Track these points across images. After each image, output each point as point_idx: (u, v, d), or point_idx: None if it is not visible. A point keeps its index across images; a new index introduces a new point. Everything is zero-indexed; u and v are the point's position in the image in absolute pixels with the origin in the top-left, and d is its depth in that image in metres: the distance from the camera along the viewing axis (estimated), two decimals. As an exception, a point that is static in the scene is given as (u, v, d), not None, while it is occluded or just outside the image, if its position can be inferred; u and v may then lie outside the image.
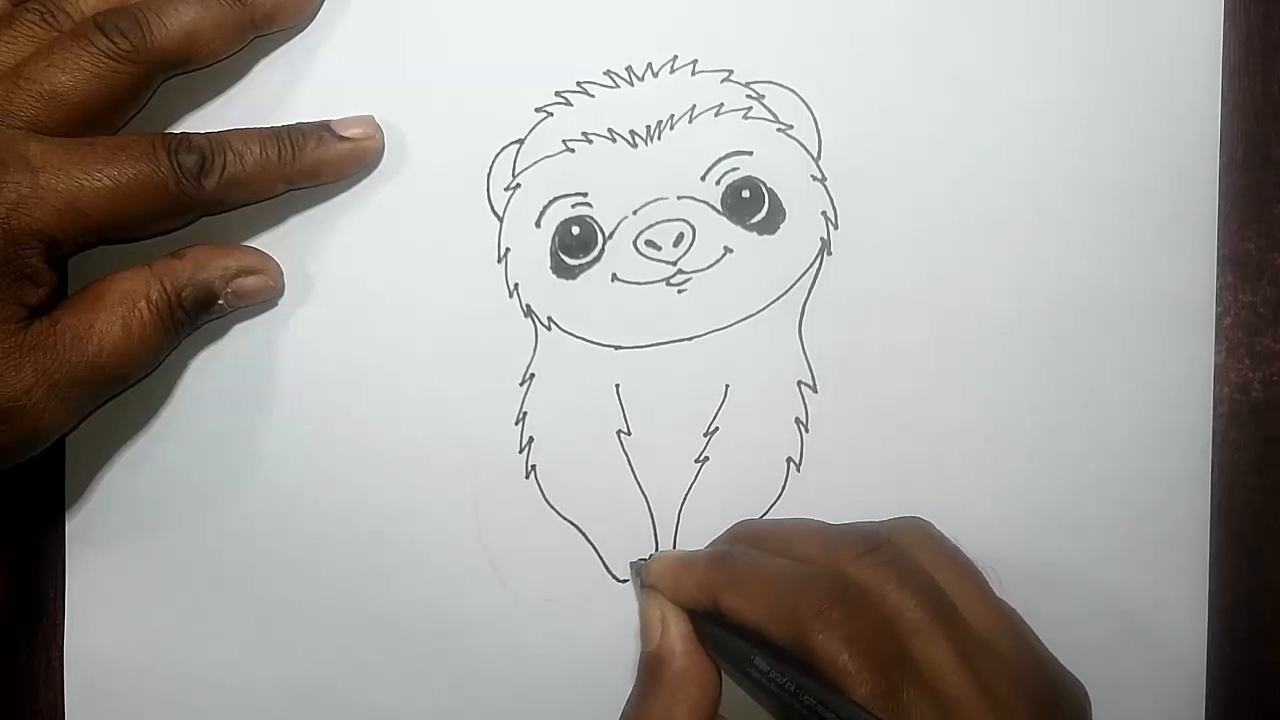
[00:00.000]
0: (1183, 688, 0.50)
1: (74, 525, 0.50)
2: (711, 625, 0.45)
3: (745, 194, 0.50)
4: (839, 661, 0.42)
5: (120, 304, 0.45)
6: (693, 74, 0.50)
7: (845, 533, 0.47)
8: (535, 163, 0.50)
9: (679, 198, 0.50)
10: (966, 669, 0.42)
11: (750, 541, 0.48)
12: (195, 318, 0.47)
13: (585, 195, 0.50)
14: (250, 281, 0.48)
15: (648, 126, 0.50)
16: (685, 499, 0.50)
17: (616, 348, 0.50)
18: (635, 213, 0.49)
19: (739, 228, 0.50)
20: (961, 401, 0.50)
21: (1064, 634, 0.50)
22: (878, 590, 0.44)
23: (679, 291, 0.50)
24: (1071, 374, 0.50)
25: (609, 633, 0.50)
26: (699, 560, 0.47)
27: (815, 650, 0.42)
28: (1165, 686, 0.50)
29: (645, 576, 0.48)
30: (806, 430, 0.50)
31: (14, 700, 0.51)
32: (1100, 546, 0.50)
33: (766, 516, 0.50)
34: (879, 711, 0.40)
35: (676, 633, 0.46)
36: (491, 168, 0.50)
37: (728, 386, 0.50)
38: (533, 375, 0.50)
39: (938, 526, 0.49)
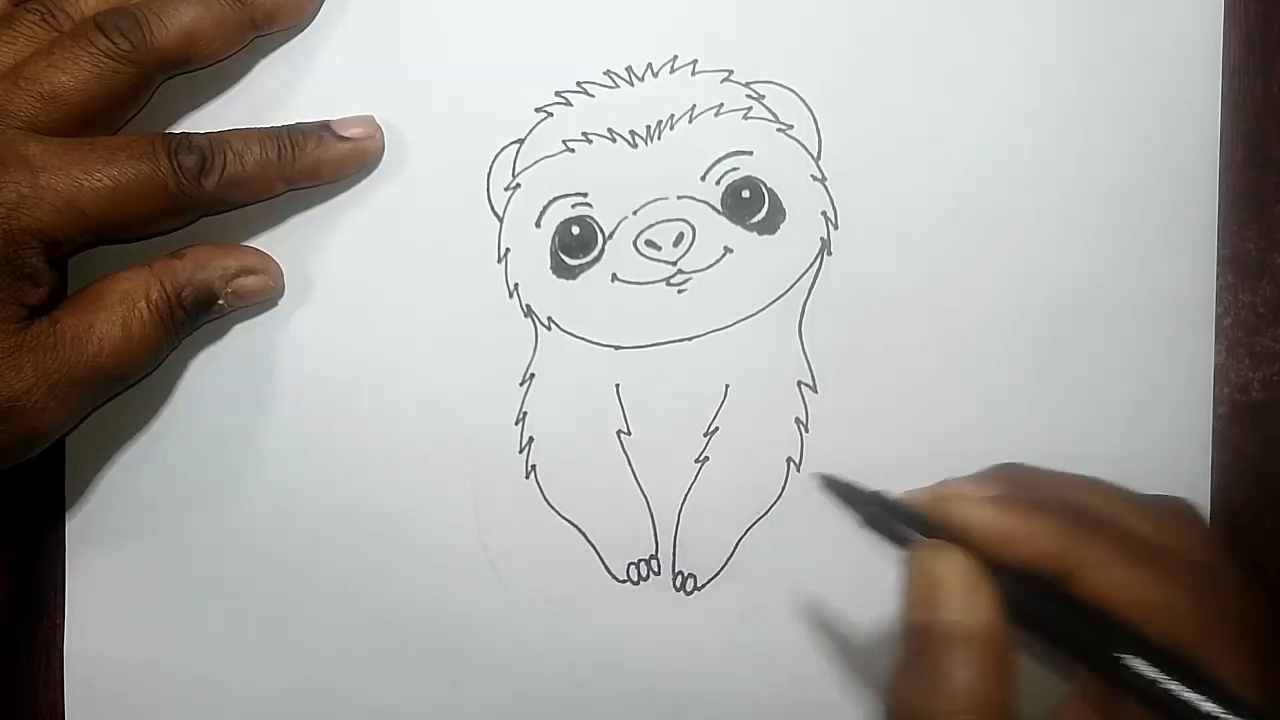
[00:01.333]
0: (1183, 688, 0.50)
1: (74, 525, 0.50)
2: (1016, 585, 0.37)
3: (745, 194, 0.50)
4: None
5: (120, 304, 0.46)
6: (693, 74, 0.50)
7: (1167, 516, 0.40)
8: (535, 163, 0.50)
9: (679, 198, 0.50)
10: None
11: (1044, 489, 0.40)
12: (195, 318, 0.47)
13: (585, 195, 0.50)
14: (250, 281, 0.48)
15: (648, 126, 0.50)
16: (685, 499, 0.50)
17: (616, 348, 0.50)
18: (635, 213, 0.49)
19: (739, 228, 0.50)
20: (961, 401, 0.50)
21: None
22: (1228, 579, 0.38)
23: (679, 291, 0.50)
24: (1071, 374, 0.50)
25: (609, 633, 0.50)
26: (1038, 512, 0.38)
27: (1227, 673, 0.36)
28: (1165, 686, 0.50)
29: (943, 516, 0.38)
30: (806, 430, 0.50)
31: (14, 700, 0.51)
32: (1100, 546, 0.50)
33: (769, 517, 0.50)
34: None
35: (984, 602, 0.37)
36: (491, 168, 0.50)
37: (728, 386, 0.50)
38: (532, 375, 0.50)
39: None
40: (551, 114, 0.50)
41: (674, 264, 0.50)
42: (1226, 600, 0.38)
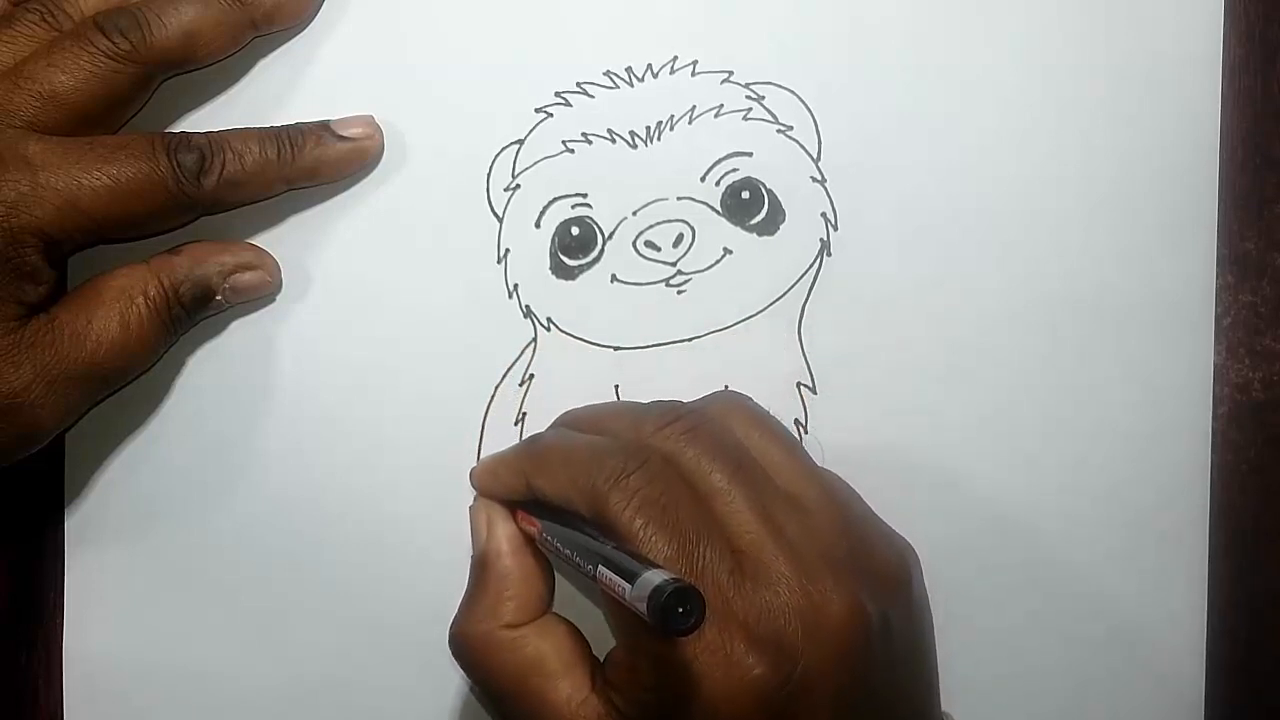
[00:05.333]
0: (1183, 688, 0.50)
1: (73, 525, 0.50)
2: (542, 519, 0.46)
3: (745, 195, 0.50)
4: (633, 527, 0.42)
5: (118, 300, 0.46)
6: (693, 75, 0.50)
7: (651, 406, 0.48)
8: (535, 163, 0.50)
9: (679, 198, 0.50)
10: (764, 525, 0.43)
11: (566, 425, 0.49)
12: (193, 314, 0.47)
13: (585, 196, 0.50)
14: (248, 277, 0.48)
15: (647, 127, 0.50)
16: (685, 500, 0.50)
17: (616, 348, 0.50)
18: (635, 213, 0.50)
19: (739, 229, 0.50)
20: (961, 402, 0.50)
21: (1063, 633, 0.50)
22: (677, 456, 0.44)
23: (678, 292, 0.50)
24: (1071, 374, 0.50)
25: (608, 632, 0.50)
26: (510, 450, 0.49)
27: (611, 518, 0.43)
28: (1165, 686, 0.50)
29: (471, 481, 0.49)
30: (806, 431, 0.50)
31: (14, 700, 0.51)
32: (1100, 546, 0.50)
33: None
34: (674, 573, 0.39)
35: (501, 533, 0.47)
36: (491, 168, 0.50)
37: (727, 388, 0.50)
38: (532, 376, 0.50)
39: (936, 527, 0.49)
40: (551, 114, 0.50)
41: (674, 265, 0.50)
42: (646, 461, 0.44)
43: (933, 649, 0.46)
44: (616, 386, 0.50)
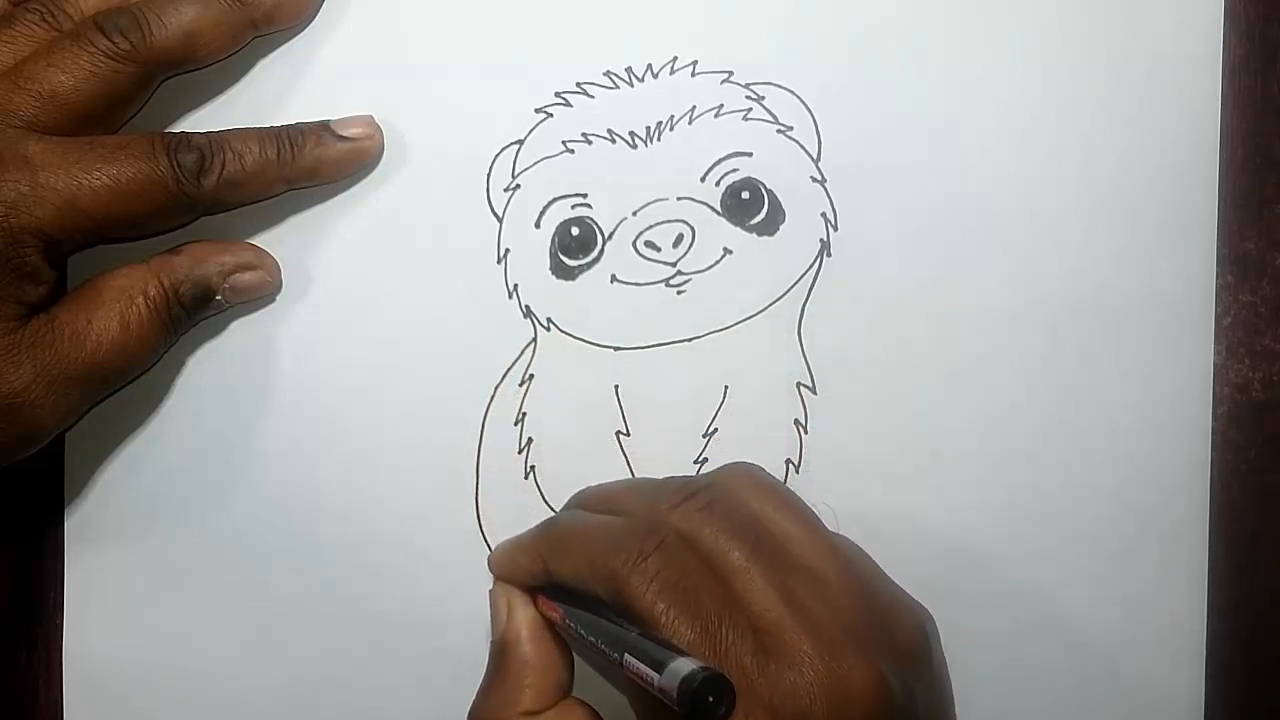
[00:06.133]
0: (1183, 688, 0.50)
1: (73, 525, 0.50)
2: (563, 604, 0.45)
3: (745, 195, 0.50)
4: (655, 611, 0.42)
5: (118, 300, 0.46)
6: (692, 75, 0.50)
7: (665, 483, 0.47)
8: (535, 163, 0.50)
9: (679, 199, 0.50)
10: (785, 602, 0.42)
11: (581, 506, 0.48)
12: (193, 314, 0.48)
13: (585, 196, 0.50)
14: (248, 277, 0.48)
15: (647, 127, 0.50)
16: (685, 500, 0.50)
17: (616, 349, 0.50)
18: (635, 214, 0.50)
19: (739, 229, 0.50)
20: (961, 402, 0.50)
21: (1064, 634, 0.50)
22: (695, 535, 0.44)
23: (678, 293, 0.50)
24: (1071, 374, 0.50)
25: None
26: (528, 534, 0.48)
27: (632, 601, 0.42)
28: (1165, 686, 0.50)
29: (489, 567, 0.49)
30: (805, 432, 0.50)
31: (14, 700, 0.51)
32: (1100, 546, 0.50)
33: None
34: (700, 658, 0.39)
35: (521, 618, 0.46)
36: (491, 168, 0.50)
37: (727, 388, 0.50)
38: (532, 376, 0.50)
39: (937, 527, 0.49)
40: (551, 115, 0.50)
41: (673, 265, 0.50)
42: (652, 534, 0.44)
43: (954, 715, 0.46)
44: (616, 386, 0.50)
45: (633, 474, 0.50)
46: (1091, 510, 0.50)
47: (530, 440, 0.50)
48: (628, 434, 0.50)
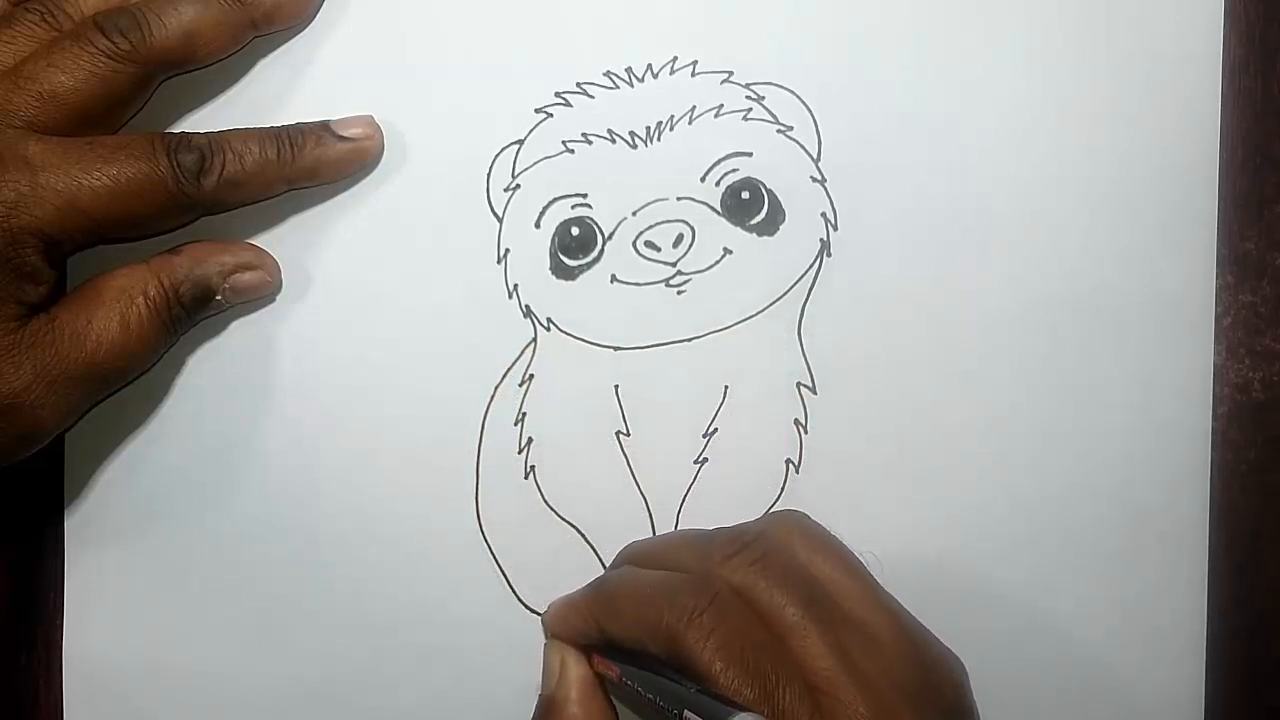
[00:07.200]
0: (1183, 687, 0.50)
1: (73, 525, 0.50)
2: (619, 662, 0.45)
3: (745, 195, 0.50)
4: (713, 669, 0.42)
5: (118, 300, 0.46)
6: (692, 75, 0.50)
7: (715, 535, 0.47)
8: (535, 163, 0.50)
9: (679, 199, 0.50)
10: (840, 661, 0.42)
11: (631, 561, 0.48)
12: (193, 314, 0.48)
13: (585, 196, 0.50)
14: (248, 277, 0.48)
15: (647, 127, 0.50)
16: (684, 500, 0.50)
17: (616, 349, 0.50)
18: (635, 214, 0.50)
19: (739, 229, 0.50)
20: (961, 402, 0.50)
21: (1064, 634, 0.50)
22: (749, 590, 0.44)
23: (678, 293, 0.50)
24: (1071, 374, 0.50)
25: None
26: (580, 593, 0.47)
27: (689, 658, 0.42)
28: (1165, 686, 0.50)
29: (543, 626, 0.48)
30: (805, 432, 0.50)
31: (14, 700, 0.51)
32: (1100, 546, 0.50)
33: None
34: (761, 716, 0.39)
35: (573, 678, 0.46)
36: (491, 168, 0.50)
37: (727, 388, 0.50)
38: (532, 376, 0.50)
39: (937, 527, 0.49)
40: (551, 115, 0.50)
41: (673, 265, 0.50)
42: (709, 590, 0.43)
43: None
44: (616, 386, 0.50)
45: (632, 474, 0.50)
46: (1091, 510, 0.50)
47: (530, 440, 0.50)
48: (628, 434, 0.50)
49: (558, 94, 0.50)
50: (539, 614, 0.50)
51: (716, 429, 0.50)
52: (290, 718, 0.51)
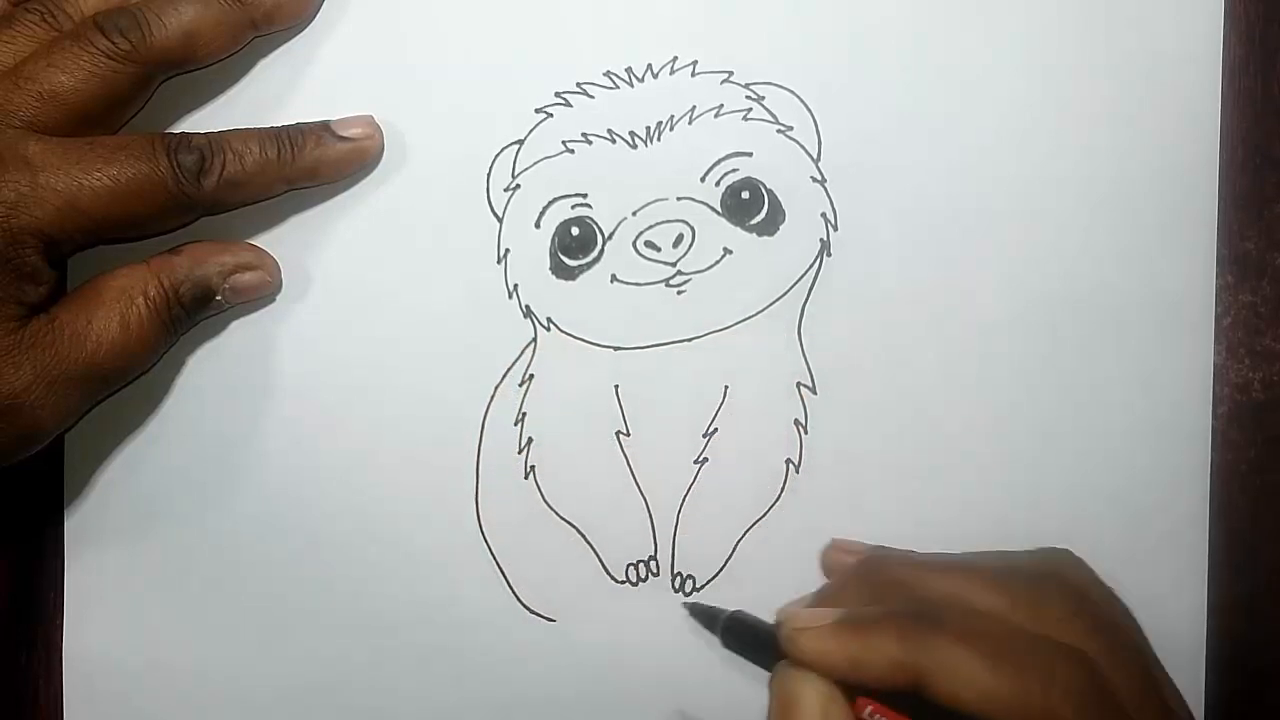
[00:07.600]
0: (1183, 687, 0.50)
1: (73, 525, 0.50)
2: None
3: (745, 195, 0.50)
4: None
5: (118, 301, 0.46)
6: (692, 75, 0.50)
7: (1032, 584, 0.41)
8: (535, 163, 0.50)
9: (679, 199, 0.50)
10: None
11: (898, 588, 0.41)
12: (193, 314, 0.48)
13: (585, 196, 0.50)
14: (248, 277, 0.48)
15: (647, 127, 0.50)
16: (684, 500, 0.50)
17: (616, 349, 0.50)
18: (635, 214, 0.49)
19: (739, 229, 0.50)
20: (961, 402, 0.50)
21: (1064, 634, 0.50)
22: (1105, 668, 0.39)
23: (678, 293, 0.50)
24: (1071, 374, 0.50)
25: (608, 633, 0.50)
26: (877, 631, 0.38)
27: None
28: (1165, 687, 0.50)
29: (790, 648, 0.39)
30: (806, 432, 0.50)
31: (14, 700, 0.51)
32: (1100, 546, 0.50)
33: (768, 518, 0.50)
34: None
35: None
36: (491, 168, 0.50)
37: (727, 388, 0.50)
38: (532, 376, 0.50)
39: (937, 527, 0.49)
40: (551, 115, 0.50)
41: (673, 265, 0.50)
42: (1091, 667, 0.38)
43: None
44: (616, 386, 0.50)
45: (632, 474, 0.50)
46: (1091, 510, 0.50)
47: (530, 440, 0.50)
48: (628, 434, 0.50)
49: (558, 94, 0.50)
50: (539, 614, 0.50)
51: (716, 429, 0.50)
52: (290, 718, 0.51)
